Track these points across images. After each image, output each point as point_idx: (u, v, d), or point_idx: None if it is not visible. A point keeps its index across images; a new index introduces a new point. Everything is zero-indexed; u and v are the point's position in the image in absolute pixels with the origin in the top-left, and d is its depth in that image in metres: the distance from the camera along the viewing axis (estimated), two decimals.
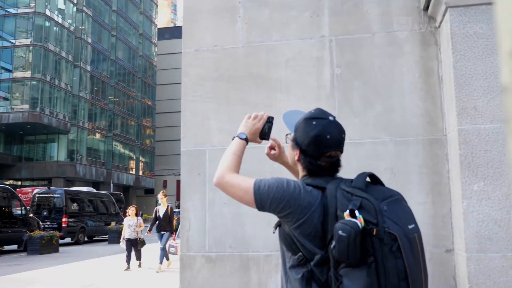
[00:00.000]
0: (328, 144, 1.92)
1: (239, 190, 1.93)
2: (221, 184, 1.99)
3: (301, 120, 2.00)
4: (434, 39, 3.63)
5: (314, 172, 1.95)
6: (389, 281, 1.66)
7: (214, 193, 3.76)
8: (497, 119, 3.12)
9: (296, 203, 1.84)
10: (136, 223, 12.26)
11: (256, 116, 2.21)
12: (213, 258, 3.70)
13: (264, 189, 1.87)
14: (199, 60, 3.96)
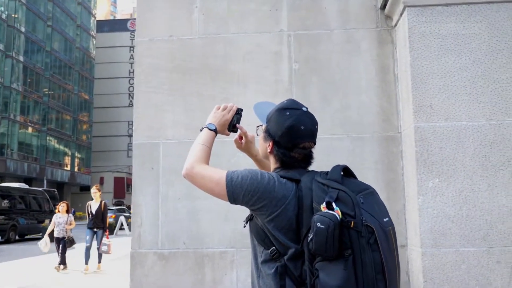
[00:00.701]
0: (302, 135, 1.87)
1: (210, 182, 1.85)
2: (191, 175, 1.90)
3: (273, 111, 1.94)
4: (391, 38, 3.69)
5: (287, 164, 1.89)
6: (366, 274, 1.63)
7: (168, 187, 3.64)
8: (451, 117, 3.21)
9: (271, 195, 1.78)
10: (66, 221, 11.44)
11: (226, 107, 2.13)
12: (166, 255, 3.57)
13: (237, 180, 1.79)
14: (153, 50, 3.81)
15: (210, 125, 2.07)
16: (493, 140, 3.17)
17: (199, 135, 2.03)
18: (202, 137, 2.03)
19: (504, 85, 3.22)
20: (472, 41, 3.27)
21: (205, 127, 2.07)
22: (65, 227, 11.30)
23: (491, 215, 3.10)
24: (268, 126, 1.93)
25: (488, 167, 3.14)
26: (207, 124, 2.08)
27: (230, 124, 2.13)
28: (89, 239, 10.88)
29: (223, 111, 2.13)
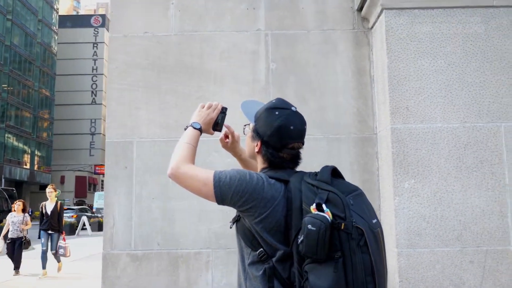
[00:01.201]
0: (291, 135, 1.85)
1: (197, 182, 1.80)
2: (176, 175, 1.85)
3: (262, 110, 1.91)
4: (367, 39, 3.72)
5: (275, 165, 1.87)
6: (356, 276, 1.61)
7: (142, 187, 3.56)
8: (427, 119, 3.25)
9: (259, 196, 1.74)
10: (22, 221, 10.71)
11: (210, 106, 2.09)
12: (139, 256, 3.49)
13: (225, 181, 1.75)
14: (128, 47, 3.72)
15: (195, 123, 2.02)
16: (467, 142, 3.23)
17: (183, 134, 1.98)
18: (187, 136, 1.98)
19: (477, 89, 3.29)
20: (448, 45, 3.33)
21: (189, 125, 2.02)
22: (21, 227, 10.70)
23: (465, 215, 3.17)
24: (256, 126, 1.90)
25: (462, 168, 3.21)
26: (191, 122, 2.03)
27: (215, 123, 2.09)
28: (44, 242, 10.22)
29: (208, 109, 2.09)
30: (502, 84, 3.29)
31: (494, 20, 3.35)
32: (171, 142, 3.60)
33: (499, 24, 3.34)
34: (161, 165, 3.57)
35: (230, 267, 3.47)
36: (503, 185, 3.20)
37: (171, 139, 3.60)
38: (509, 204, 3.18)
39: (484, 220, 3.16)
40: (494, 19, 3.35)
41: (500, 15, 3.35)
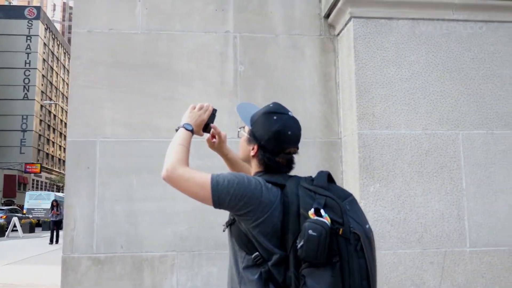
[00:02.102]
0: (288, 140, 1.86)
1: (195, 185, 1.77)
2: (172, 178, 1.80)
3: (259, 114, 1.91)
4: (333, 46, 3.80)
5: (271, 169, 1.87)
6: (353, 280, 1.65)
7: (105, 188, 3.45)
8: (392, 125, 3.37)
9: (257, 200, 1.74)
10: None
11: (202, 107, 2.07)
12: (101, 260, 3.38)
13: (223, 184, 1.74)
14: (92, 43, 3.60)
15: (187, 125, 1.99)
16: (428, 148, 3.38)
17: (175, 135, 1.94)
18: (180, 138, 1.94)
19: (438, 97, 3.45)
20: (411, 55, 3.47)
21: (181, 127, 1.99)
22: None
23: (426, 218, 3.31)
24: (253, 129, 1.89)
25: (424, 173, 3.35)
26: (183, 124, 2.00)
27: (205, 125, 2.07)
28: None
29: (199, 111, 2.07)
30: (460, 94, 3.47)
31: (454, 33, 3.52)
32: (136, 143, 3.53)
33: (458, 37, 3.53)
34: (126, 166, 3.48)
35: (195, 270, 3.44)
36: (460, 189, 3.37)
37: (137, 140, 3.53)
38: (466, 208, 3.35)
39: (443, 223, 3.32)
40: (454, 32, 3.53)
41: (460, 28, 3.53)
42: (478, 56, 3.52)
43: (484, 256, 3.33)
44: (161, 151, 3.49)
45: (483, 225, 3.36)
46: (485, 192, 3.39)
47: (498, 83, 3.52)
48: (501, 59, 3.54)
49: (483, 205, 3.38)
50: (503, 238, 3.37)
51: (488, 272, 3.32)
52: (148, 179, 3.50)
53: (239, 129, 2.01)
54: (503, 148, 3.45)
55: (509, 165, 3.44)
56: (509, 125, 3.48)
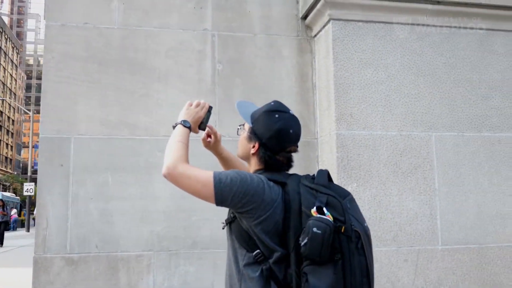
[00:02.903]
0: (290, 139, 1.88)
1: (197, 183, 1.75)
2: (173, 175, 1.77)
3: (260, 112, 1.91)
4: (310, 47, 3.84)
5: (271, 167, 1.88)
6: (354, 278, 1.67)
7: (79, 186, 3.35)
8: (368, 126, 3.44)
9: (260, 198, 1.74)
10: None
11: (199, 104, 2.05)
12: (75, 260, 3.29)
13: (226, 182, 1.73)
14: (66, 37, 3.49)
15: (185, 122, 1.96)
16: (403, 149, 3.47)
17: (174, 132, 1.91)
18: (179, 134, 1.91)
19: (412, 100, 3.55)
20: (387, 57, 3.55)
21: (179, 123, 1.96)
22: None
23: (400, 217, 3.40)
24: (254, 127, 1.89)
25: (399, 174, 3.44)
26: (181, 120, 1.97)
27: (202, 122, 2.05)
28: None
29: (196, 107, 2.04)
30: (434, 96, 3.58)
31: (428, 38, 3.64)
32: (112, 140, 3.45)
33: (432, 41, 3.64)
34: (101, 164, 3.40)
35: (172, 270, 3.39)
36: (433, 189, 3.48)
37: (113, 137, 3.45)
38: (438, 207, 3.47)
39: (417, 221, 3.42)
40: (428, 37, 3.64)
41: (433, 33, 3.65)
42: (449, 60, 3.65)
43: (455, 254, 3.45)
44: (137, 149, 3.46)
45: (454, 223, 3.48)
46: (456, 192, 3.52)
47: (468, 87, 3.66)
48: (471, 64, 3.69)
49: (454, 205, 3.50)
50: (472, 236, 3.51)
51: (458, 269, 3.45)
52: (124, 177, 3.42)
53: (238, 127, 2.00)
54: (472, 150, 3.59)
55: (478, 166, 3.58)
56: (478, 128, 3.63)
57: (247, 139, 1.92)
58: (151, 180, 3.46)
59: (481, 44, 3.72)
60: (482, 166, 3.59)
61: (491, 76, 3.71)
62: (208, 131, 2.17)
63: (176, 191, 3.43)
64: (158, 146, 3.49)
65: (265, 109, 1.90)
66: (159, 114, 3.54)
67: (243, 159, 2.00)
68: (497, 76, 3.72)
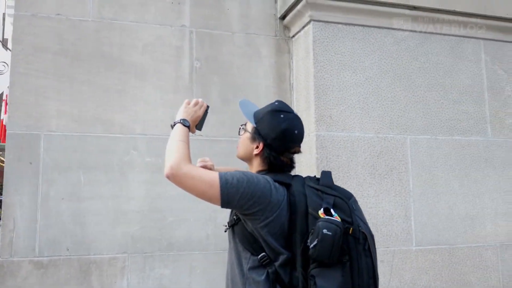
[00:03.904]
0: (294, 139, 1.85)
1: (201, 183, 1.67)
2: (177, 176, 1.68)
3: (264, 112, 1.87)
4: (287, 47, 3.83)
5: (275, 168, 1.84)
6: (361, 280, 1.67)
7: (50, 186, 3.19)
8: (347, 128, 3.47)
9: (267, 199, 1.70)
10: None
11: (197, 103, 1.98)
12: (44, 264, 3.11)
13: (233, 183, 1.67)
14: (36, 28, 3.31)
15: (184, 121, 1.87)
16: (380, 151, 3.52)
17: (173, 131, 1.83)
18: (180, 134, 1.83)
19: (389, 103, 3.60)
20: (366, 60, 3.59)
21: (178, 122, 1.87)
22: None
23: (377, 219, 3.44)
24: (258, 127, 1.84)
25: (375, 175, 3.48)
26: (180, 119, 1.88)
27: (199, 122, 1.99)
28: None
29: (194, 106, 1.97)
30: (409, 100, 3.65)
31: (403, 42, 3.70)
32: (85, 137, 3.30)
33: (407, 46, 3.71)
34: (73, 162, 3.24)
35: (147, 273, 3.28)
36: (408, 191, 3.55)
37: (86, 134, 3.30)
38: (412, 209, 3.54)
39: (392, 222, 3.47)
40: (403, 42, 3.70)
41: (409, 38, 3.72)
42: (424, 65, 3.73)
43: (428, 254, 3.53)
44: (111, 147, 3.33)
45: (427, 224, 3.56)
46: (429, 193, 3.60)
47: (441, 91, 3.75)
48: (443, 69, 3.78)
49: (427, 206, 3.58)
50: (444, 237, 3.60)
51: (431, 269, 3.53)
52: (97, 176, 3.28)
53: (241, 126, 1.95)
54: (444, 153, 3.68)
55: (450, 169, 3.68)
56: (450, 131, 3.73)
57: (250, 139, 1.87)
58: (126, 179, 3.33)
59: (452, 50, 3.83)
60: (453, 169, 3.69)
61: (462, 81, 3.82)
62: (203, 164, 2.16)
63: (151, 191, 3.35)
64: (133, 145, 3.38)
65: (269, 108, 1.86)
66: (134, 111, 3.42)
67: (243, 160, 1.95)
68: (468, 81, 3.83)
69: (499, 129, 3.87)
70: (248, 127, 1.90)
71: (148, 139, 3.41)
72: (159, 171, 3.40)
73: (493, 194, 3.77)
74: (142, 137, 3.40)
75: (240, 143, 1.93)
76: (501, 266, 3.71)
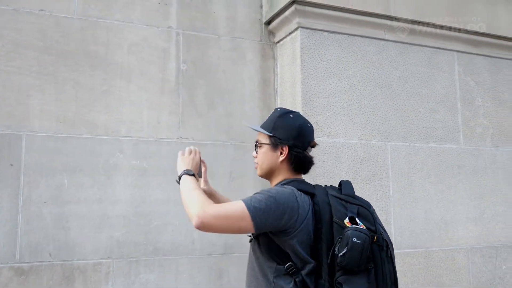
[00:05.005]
0: (311, 132, 1.97)
1: (233, 220, 1.68)
2: (207, 221, 1.66)
3: (273, 119, 1.94)
4: (272, 53, 3.86)
5: (303, 166, 1.94)
6: (385, 285, 1.74)
7: (32, 189, 3.06)
8: (332, 134, 3.53)
9: (296, 213, 1.75)
10: None
11: (191, 151, 2.04)
12: (25, 270, 2.98)
13: (261, 208, 1.69)
14: (19, 23, 3.17)
15: (188, 171, 1.91)
16: (363, 157, 3.61)
17: (183, 185, 1.84)
18: (189, 183, 1.84)
19: (371, 110, 3.70)
20: (350, 68, 3.67)
21: (183, 174, 1.89)
22: None
23: None
24: (276, 134, 1.89)
25: (358, 181, 3.56)
26: (184, 171, 1.91)
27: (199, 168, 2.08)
28: None
29: (190, 154, 2.01)
30: (389, 108, 3.77)
31: (385, 52, 3.82)
32: (69, 138, 3.19)
33: (388, 55, 3.83)
34: (56, 164, 3.13)
35: (132, 279, 3.21)
36: (388, 196, 3.66)
37: (69, 135, 3.19)
38: (392, 213, 3.65)
39: None
40: (385, 51, 3.82)
41: (389, 48, 3.84)
42: (403, 74, 3.87)
43: (406, 257, 3.66)
44: (96, 149, 3.25)
45: (405, 229, 3.69)
46: (407, 198, 3.73)
47: (419, 100, 3.90)
48: (421, 79, 3.93)
49: (406, 211, 3.71)
50: (420, 240, 3.74)
51: (408, 271, 3.65)
52: (81, 179, 3.18)
53: (256, 144, 1.98)
54: (421, 160, 3.83)
55: (426, 175, 3.83)
56: (426, 139, 3.88)
57: (271, 150, 1.91)
58: (111, 182, 3.25)
59: (429, 61, 3.99)
60: (429, 175, 3.84)
61: (437, 91, 3.98)
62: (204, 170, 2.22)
63: (137, 194, 3.28)
64: (118, 147, 3.30)
65: (277, 115, 1.94)
66: (120, 112, 3.34)
67: (267, 175, 1.98)
68: (443, 91, 4.01)
69: (470, 137, 4.07)
70: (264, 140, 1.94)
71: (134, 142, 3.34)
72: (144, 174, 3.34)
73: (465, 200, 3.96)
74: (128, 140, 3.33)
75: (260, 159, 1.95)
76: (472, 268, 3.90)
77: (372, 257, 1.71)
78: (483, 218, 4.02)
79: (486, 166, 4.10)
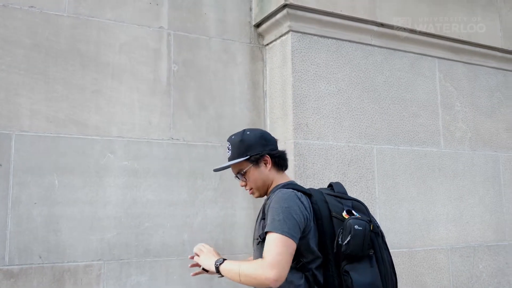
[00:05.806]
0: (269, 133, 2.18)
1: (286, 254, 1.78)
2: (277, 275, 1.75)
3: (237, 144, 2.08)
4: (261, 55, 3.89)
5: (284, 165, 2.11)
6: (385, 269, 1.95)
7: (21, 189, 2.98)
8: (322, 136, 3.60)
9: (306, 216, 1.89)
10: None
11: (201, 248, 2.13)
12: (15, 273, 2.91)
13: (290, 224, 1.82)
14: (7, 20, 3.09)
15: (217, 260, 1.98)
16: (350, 159, 3.69)
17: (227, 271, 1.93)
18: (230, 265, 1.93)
19: (358, 114, 3.79)
20: (338, 72, 3.75)
21: (218, 265, 1.97)
22: None
23: None
24: (251, 153, 2.04)
25: (346, 182, 3.64)
26: (215, 263, 1.98)
27: None
28: None
29: (204, 250, 2.10)
30: (375, 112, 3.86)
31: (371, 57, 3.91)
32: (59, 138, 3.13)
33: (374, 61, 3.93)
34: (46, 165, 3.06)
35: (123, 280, 3.18)
36: (374, 197, 3.75)
37: (60, 135, 3.13)
38: (378, 214, 3.74)
39: None
40: (371, 56, 3.91)
41: (376, 53, 3.94)
42: (388, 79, 3.97)
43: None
44: (87, 149, 3.22)
45: (390, 229, 3.79)
46: (392, 200, 3.83)
47: (402, 104, 4.01)
48: (405, 84, 4.05)
49: (390, 212, 3.81)
50: (404, 241, 3.85)
51: None
52: (72, 180, 3.13)
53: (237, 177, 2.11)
54: (405, 162, 3.94)
55: (410, 177, 3.95)
56: (410, 142, 4.00)
57: (255, 168, 2.05)
58: (102, 183, 3.21)
59: (412, 66, 4.11)
60: (412, 177, 3.96)
61: (420, 96, 4.11)
62: None
63: (128, 195, 3.26)
64: (109, 147, 3.26)
65: (237, 140, 2.08)
66: (111, 112, 3.30)
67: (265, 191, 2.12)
68: (424, 96, 4.13)
69: (450, 141, 4.21)
70: (243, 166, 2.06)
71: (125, 142, 3.31)
72: (135, 175, 3.31)
73: (445, 201, 4.10)
74: (119, 140, 3.29)
75: (252, 181, 2.08)
76: (451, 267, 4.04)
77: (371, 243, 1.86)
78: (461, 219, 4.17)
79: (464, 169, 4.25)
